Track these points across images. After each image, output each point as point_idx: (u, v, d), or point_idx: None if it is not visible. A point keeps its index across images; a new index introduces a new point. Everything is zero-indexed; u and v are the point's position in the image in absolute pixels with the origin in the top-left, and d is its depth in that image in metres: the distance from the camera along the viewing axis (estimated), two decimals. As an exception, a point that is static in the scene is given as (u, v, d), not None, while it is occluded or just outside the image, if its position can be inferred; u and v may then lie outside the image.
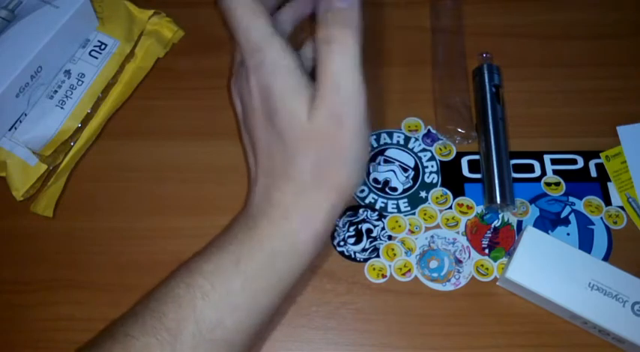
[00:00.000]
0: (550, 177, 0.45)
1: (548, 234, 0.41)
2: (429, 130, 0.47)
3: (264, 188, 0.33)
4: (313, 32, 0.31)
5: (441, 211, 0.44)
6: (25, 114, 0.45)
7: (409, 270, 0.42)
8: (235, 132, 0.46)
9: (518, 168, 0.46)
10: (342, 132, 0.30)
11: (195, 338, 0.29)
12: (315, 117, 0.30)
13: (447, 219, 0.44)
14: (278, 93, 0.31)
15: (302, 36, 0.37)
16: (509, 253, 0.42)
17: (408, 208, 0.44)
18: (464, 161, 0.46)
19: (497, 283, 0.42)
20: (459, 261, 0.42)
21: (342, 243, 0.43)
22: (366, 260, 0.42)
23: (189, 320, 0.30)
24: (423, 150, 0.47)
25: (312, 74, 0.32)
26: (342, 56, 0.29)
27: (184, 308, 0.30)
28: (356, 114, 0.30)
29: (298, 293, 0.41)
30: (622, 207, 0.44)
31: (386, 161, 0.46)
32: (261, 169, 0.33)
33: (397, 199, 0.45)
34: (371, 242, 0.43)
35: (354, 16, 0.30)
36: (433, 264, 0.42)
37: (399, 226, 0.44)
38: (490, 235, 0.43)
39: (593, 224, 0.44)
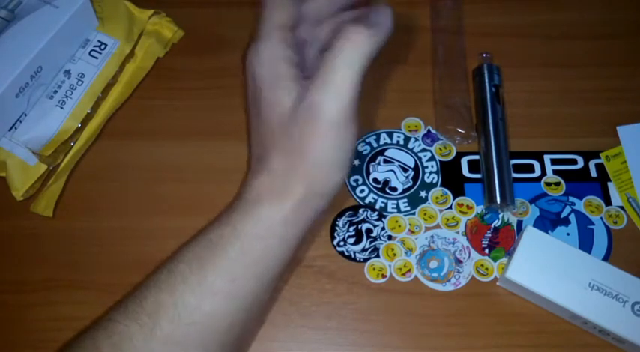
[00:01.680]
0: (550, 177, 0.45)
1: (548, 234, 0.41)
2: (429, 130, 0.47)
3: (250, 174, 0.34)
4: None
5: (441, 211, 0.44)
6: (25, 114, 0.45)
7: (409, 270, 0.42)
8: (236, 132, 0.46)
9: (518, 168, 0.46)
10: (317, 122, 0.30)
11: (173, 322, 0.30)
12: (296, 106, 0.30)
13: (447, 219, 0.44)
14: (264, 82, 0.31)
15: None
16: (509, 253, 0.42)
17: (408, 208, 0.44)
18: (464, 161, 0.46)
19: (497, 283, 0.42)
20: (459, 261, 0.42)
21: (342, 243, 0.43)
22: (366, 260, 0.42)
23: (168, 304, 0.30)
24: (423, 150, 0.47)
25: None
26: (347, 55, 0.29)
27: (164, 292, 0.31)
28: (336, 109, 0.29)
29: (298, 293, 0.41)
30: (622, 207, 0.44)
31: (386, 161, 0.46)
32: (252, 155, 0.34)
33: (397, 199, 0.45)
34: (371, 242, 0.43)
35: (382, 21, 0.31)
36: (433, 264, 0.42)
37: (399, 226, 0.44)
38: (490, 235, 0.43)
39: (593, 224, 0.44)
